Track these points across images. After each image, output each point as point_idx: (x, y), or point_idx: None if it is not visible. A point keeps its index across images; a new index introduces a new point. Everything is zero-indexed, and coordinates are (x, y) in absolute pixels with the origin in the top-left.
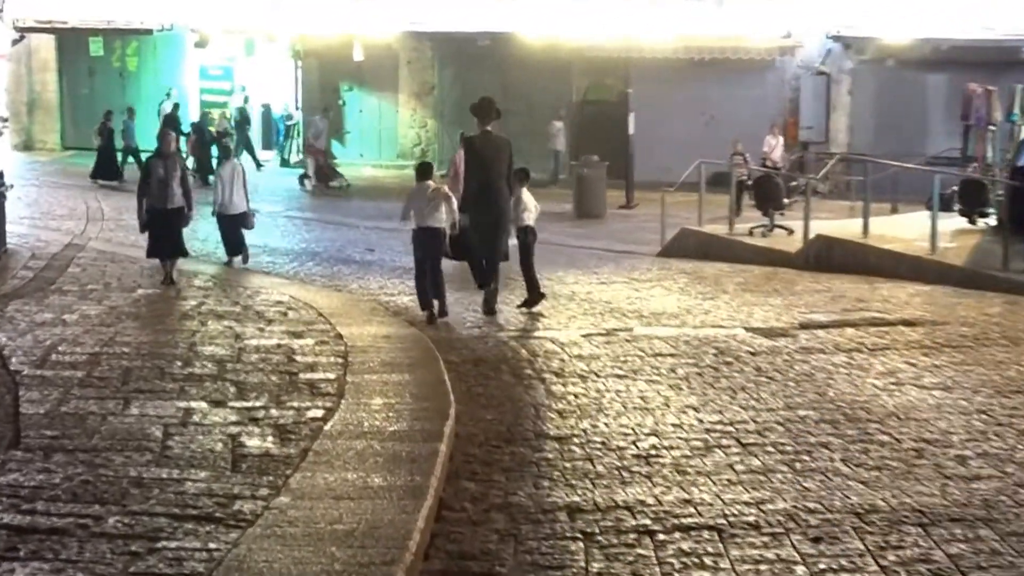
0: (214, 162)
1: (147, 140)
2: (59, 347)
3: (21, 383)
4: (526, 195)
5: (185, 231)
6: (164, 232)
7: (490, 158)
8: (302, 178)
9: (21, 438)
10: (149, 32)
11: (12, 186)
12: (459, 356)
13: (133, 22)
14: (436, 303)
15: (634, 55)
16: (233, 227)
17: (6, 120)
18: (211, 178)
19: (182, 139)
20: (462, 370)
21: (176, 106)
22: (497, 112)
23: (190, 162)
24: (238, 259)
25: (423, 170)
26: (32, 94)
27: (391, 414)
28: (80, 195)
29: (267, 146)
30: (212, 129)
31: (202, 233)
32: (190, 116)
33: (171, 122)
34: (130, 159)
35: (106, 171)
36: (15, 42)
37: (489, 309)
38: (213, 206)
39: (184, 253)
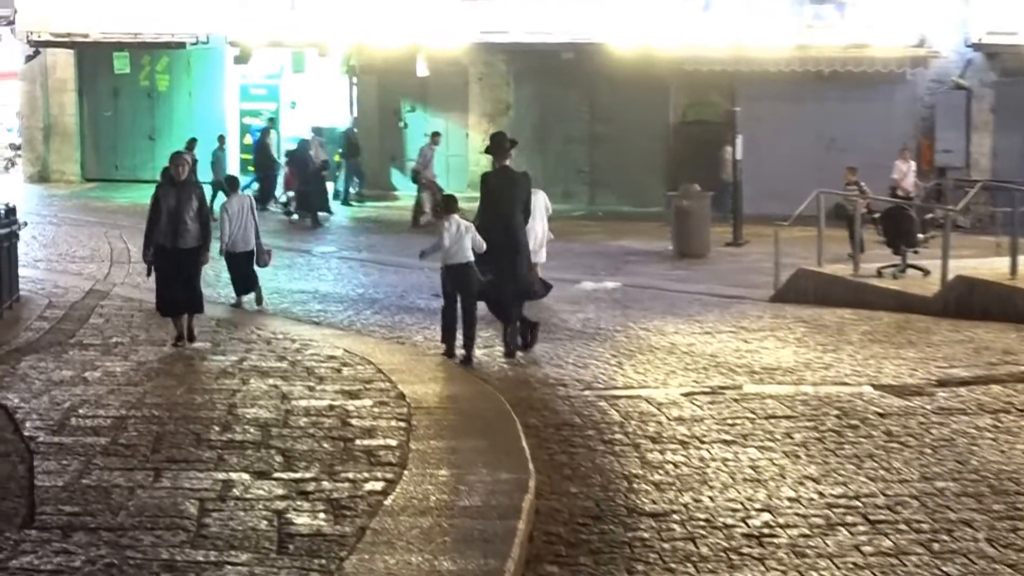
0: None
1: (210, 171)
2: (79, 409)
3: (36, 451)
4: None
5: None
6: (175, 278)
7: (506, 192)
8: (416, 217)
9: (36, 515)
10: (182, 46)
11: (26, 224)
12: (539, 419)
13: (163, 35)
14: (462, 344)
15: (742, 68)
16: (244, 265)
17: (19, 148)
18: (294, 216)
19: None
20: (543, 435)
21: (268, 132)
22: (512, 143)
23: (269, 192)
24: (247, 299)
25: (448, 203)
26: (49, 118)
27: (461, 487)
28: (103, 234)
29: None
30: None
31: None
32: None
33: (264, 151)
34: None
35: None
36: (29, 58)
37: (508, 351)
38: (220, 243)
39: (200, 308)
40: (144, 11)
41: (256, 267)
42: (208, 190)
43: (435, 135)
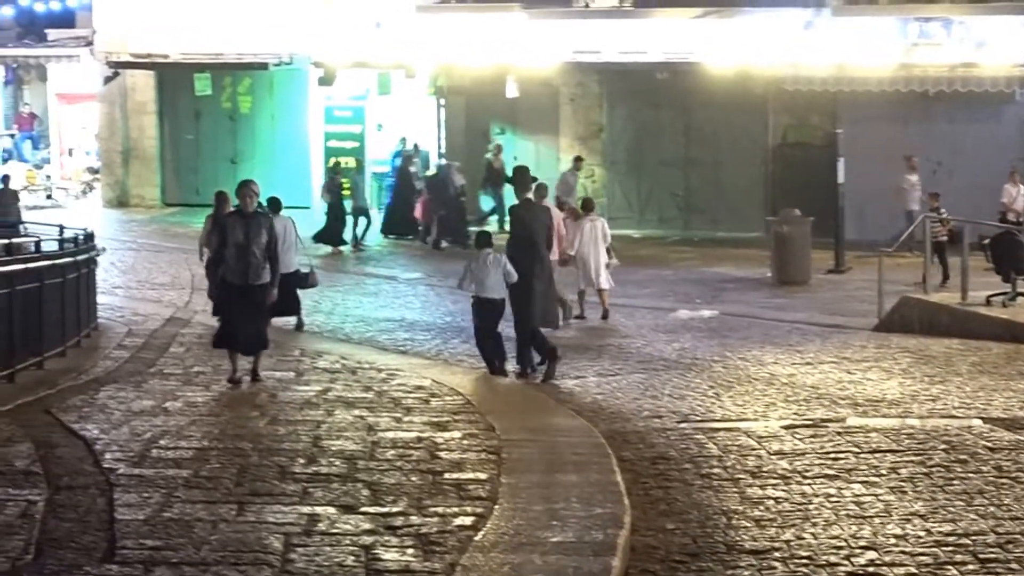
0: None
1: (293, 196)
2: (160, 441)
3: (116, 484)
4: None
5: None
6: (241, 316)
7: (535, 224)
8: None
9: (117, 549)
10: (264, 67)
11: (104, 250)
12: (634, 452)
13: (245, 55)
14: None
15: (843, 88)
16: (286, 288)
17: (97, 172)
18: (443, 244)
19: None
20: (638, 469)
21: (412, 159)
22: (533, 179)
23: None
24: (283, 320)
25: (480, 239)
26: (128, 141)
27: (554, 522)
28: (184, 260)
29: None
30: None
31: (326, 304)
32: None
33: (404, 177)
34: (362, 219)
35: (332, 235)
36: (108, 80)
37: (522, 371)
38: None
39: (266, 344)
40: (226, 32)
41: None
42: (349, 219)
43: (578, 160)
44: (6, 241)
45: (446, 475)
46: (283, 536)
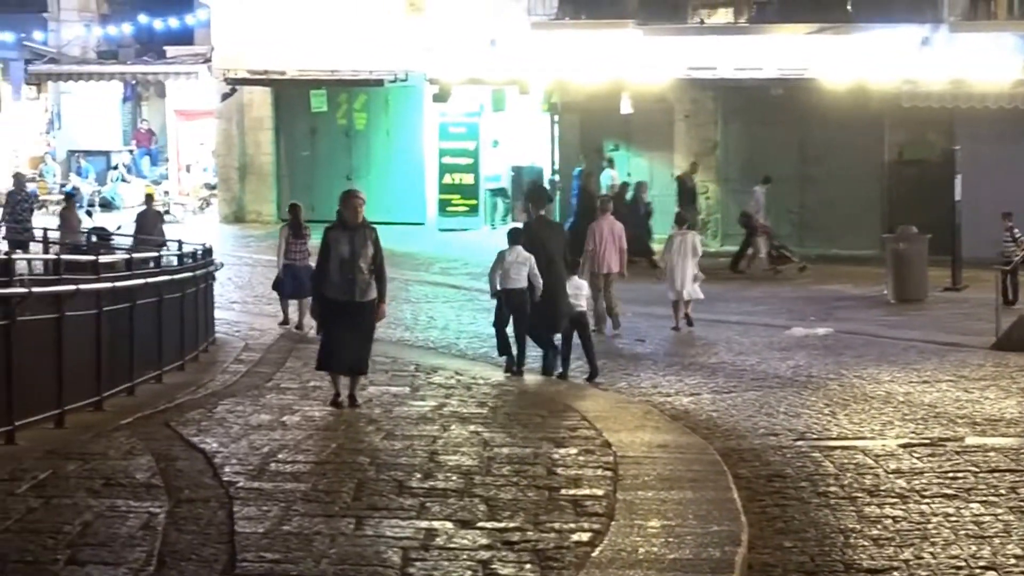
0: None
1: (407, 212)
2: (278, 455)
3: (235, 497)
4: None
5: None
6: (344, 335)
7: (549, 238)
8: (738, 260)
9: (238, 562)
10: (380, 84)
11: (222, 265)
12: (751, 470)
13: (361, 72)
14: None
15: (961, 105)
16: None
17: (214, 187)
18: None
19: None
20: (755, 487)
21: (589, 175)
22: (549, 197)
23: None
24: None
25: (513, 236)
26: (244, 157)
27: (671, 539)
28: None
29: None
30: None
31: (440, 320)
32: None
33: (587, 197)
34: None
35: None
36: (225, 97)
37: (560, 373)
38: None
39: (364, 369)
40: (342, 49)
41: None
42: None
43: (767, 178)
44: (127, 256)
45: (562, 491)
46: (401, 550)
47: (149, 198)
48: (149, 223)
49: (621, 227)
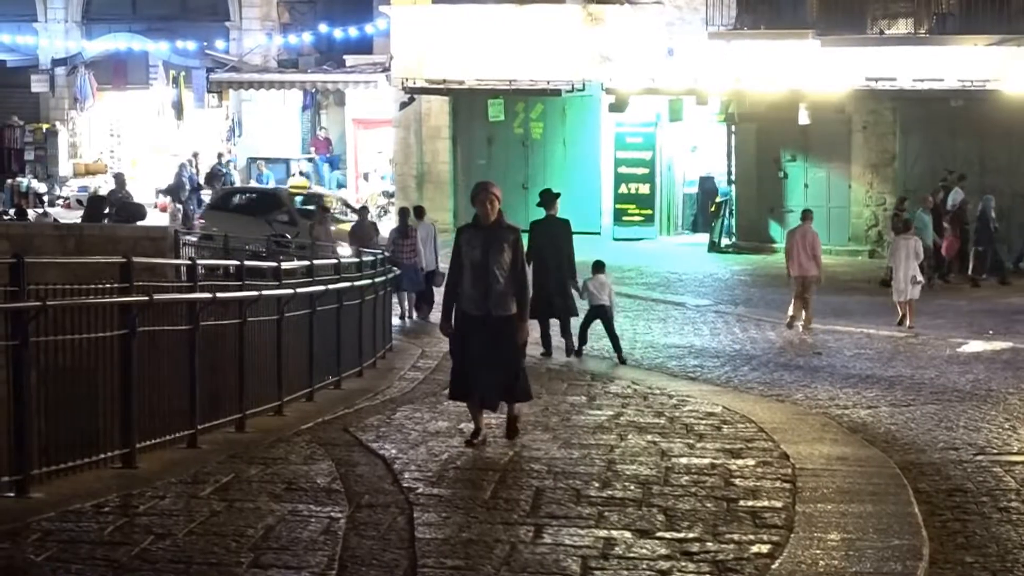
0: None
1: (583, 222)
2: (457, 461)
3: (415, 503)
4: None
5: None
6: (479, 357)
7: (554, 236)
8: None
9: (419, 567)
10: (557, 93)
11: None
12: (930, 484)
13: (539, 82)
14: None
15: None
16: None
17: (392, 196)
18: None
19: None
20: (935, 501)
21: (965, 202)
22: (557, 195)
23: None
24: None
25: (597, 266)
26: (422, 165)
27: (851, 552)
28: None
29: (696, 227)
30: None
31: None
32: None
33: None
34: None
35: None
36: (403, 105)
37: (575, 350)
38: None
39: (517, 393)
40: (519, 58)
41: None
42: None
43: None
44: (307, 263)
45: (741, 502)
46: (580, 559)
47: (364, 210)
48: (365, 234)
49: (814, 234)
